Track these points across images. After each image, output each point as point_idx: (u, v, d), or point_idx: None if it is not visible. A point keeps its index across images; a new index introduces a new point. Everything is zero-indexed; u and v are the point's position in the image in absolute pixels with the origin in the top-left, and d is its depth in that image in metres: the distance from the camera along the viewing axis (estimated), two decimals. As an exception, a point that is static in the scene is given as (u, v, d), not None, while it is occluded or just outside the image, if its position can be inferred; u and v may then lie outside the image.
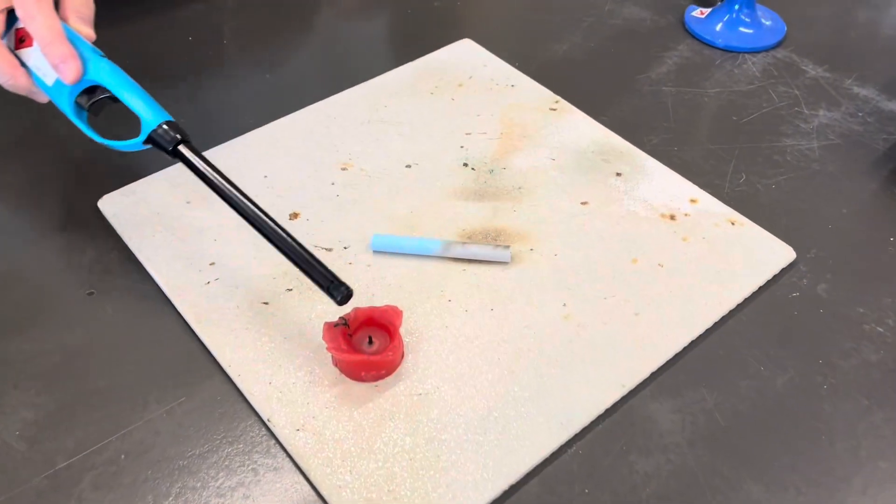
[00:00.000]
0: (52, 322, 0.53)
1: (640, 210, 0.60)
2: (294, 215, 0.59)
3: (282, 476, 0.45)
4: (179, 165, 0.62)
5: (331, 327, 0.49)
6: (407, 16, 0.82)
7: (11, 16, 0.53)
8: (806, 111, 0.71)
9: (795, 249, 0.58)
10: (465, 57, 0.75)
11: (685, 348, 0.52)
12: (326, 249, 0.57)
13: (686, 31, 0.80)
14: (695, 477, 0.45)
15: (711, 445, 0.47)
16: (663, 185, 0.62)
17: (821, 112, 0.70)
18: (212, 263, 0.56)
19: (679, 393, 0.50)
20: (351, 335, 0.50)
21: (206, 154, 0.62)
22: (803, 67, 0.76)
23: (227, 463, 0.46)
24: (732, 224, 0.59)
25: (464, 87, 0.71)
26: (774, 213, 0.61)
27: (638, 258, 0.57)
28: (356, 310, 0.50)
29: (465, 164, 0.64)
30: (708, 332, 0.53)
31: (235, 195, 0.49)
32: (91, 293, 0.54)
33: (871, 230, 0.60)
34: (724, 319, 0.54)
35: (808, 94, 0.72)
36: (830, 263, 0.57)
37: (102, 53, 0.53)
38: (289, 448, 0.46)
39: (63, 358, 0.51)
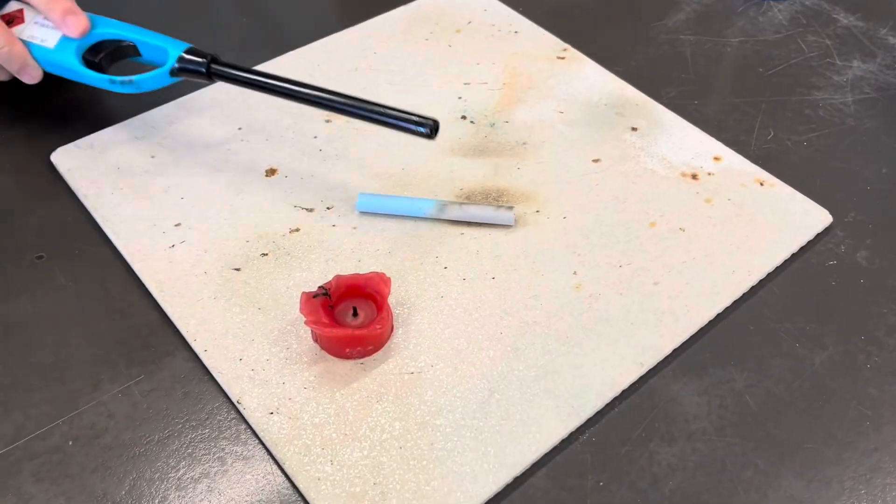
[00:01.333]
0: (-6, 290, 0.46)
1: (659, 168, 0.54)
2: (271, 171, 0.53)
3: (252, 465, 0.40)
4: (141, 116, 0.56)
5: (310, 297, 0.43)
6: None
7: None
8: (838, 62, 0.64)
9: (831, 212, 0.52)
10: (463, 0, 0.68)
11: (710, 322, 0.46)
12: (307, 210, 0.50)
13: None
14: (725, 469, 0.40)
15: (743, 433, 0.41)
16: (684, 142, 0.56)
17: (854, 63, 0.64)
18: (177, 225, 0.49)
19: (705, 372, 0.44)
20: (333, 306, 0.44)
21: (170, 105, 0.57)
22: (834, 16, 0.69)
23: (189, 450, 0.40)
24: (761, 184, 0.53)
25: (462, 33, 0.64)
26: (807, 173, 0.54)
27: (657, 221, 0.51)
28: (338, 277, 0.44)
29: (464, 117, 0.57)
30: (736, 304, 0.47)
31: (295, 89, 0.49)
32: (39, 257, 0.48)
33: (914, 192, 0.54)
34: (753, 290, 0.48)
35: (840, 43, 0.66)
36: (870, 228, 0.51)
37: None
38: (261, 434, 0.40)
39: (3, 330, 0.44)
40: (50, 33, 0.52)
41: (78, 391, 0.42)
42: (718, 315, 0.46)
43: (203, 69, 0.50)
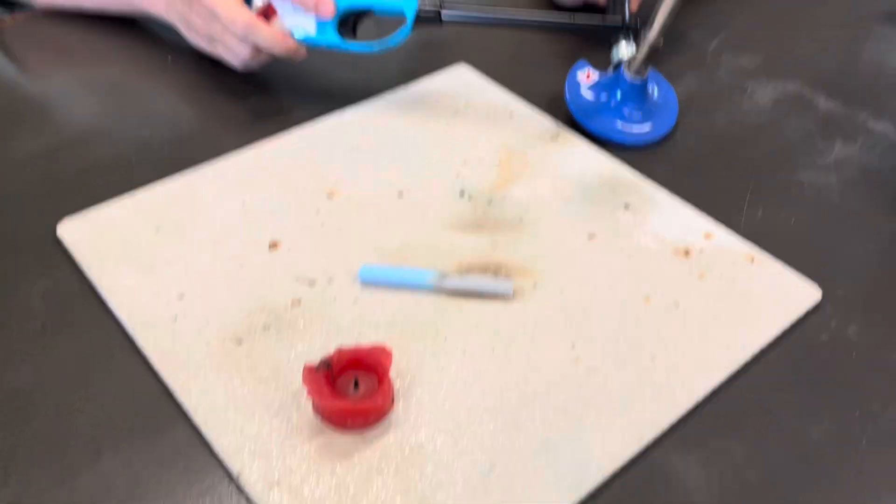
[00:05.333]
0: (-4, 360, 0.47)
1: (652, 244, 0.56)
2: (274, 245, 0.54)
3: (252, 540, 0.39)
4: (147, 188, 0.57)
5: (312, 370, 0.43)
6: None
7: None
8: (821, 145, 0.67)
9: (821, 288, 0.53)
10: (460, 83, 0.70)
11: (708, 396, 0.46)
12: (309, 282, 0.51)
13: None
14: (727, 544, 0.40)
15: (743, 507, 0.41)
16: (675, 219, 0.58)
17: (837, 146, 0.67)
18: (181, 296, 0.50)
19: (704, 445, 0.44)
20: (334, 378, 0.44)
21: (178, 179, 0.58)
22: (815, 101, 0.72)
23: (188, 524, 0.40)
24: (752, 260, 0.55)
25: (460, 114, 0.67)
26: (796, 250, 0.56)
27: (651, 296, 0.52)
28: (340, 350, 0.45)
29: (462, 194, 0.59)
30: (732, 378, 0.48)
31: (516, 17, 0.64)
32: (44, 326, 0.48)
33: (900, 269, 0.56)
34: (748, 364, 0.48)
35: (822, 127, 0.69)
36: (860, 304, 0.53)
37: None
38: (261, 507, 0.40)
39: (6, 399, 0.44)
40: (307, 20, 0.62)
41: (79, 461, 0.42)
42: (715, 389, 0.47)
43: (437, 17, 0.62)
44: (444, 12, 0.61)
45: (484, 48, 0.77)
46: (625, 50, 0.66)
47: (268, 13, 0.63)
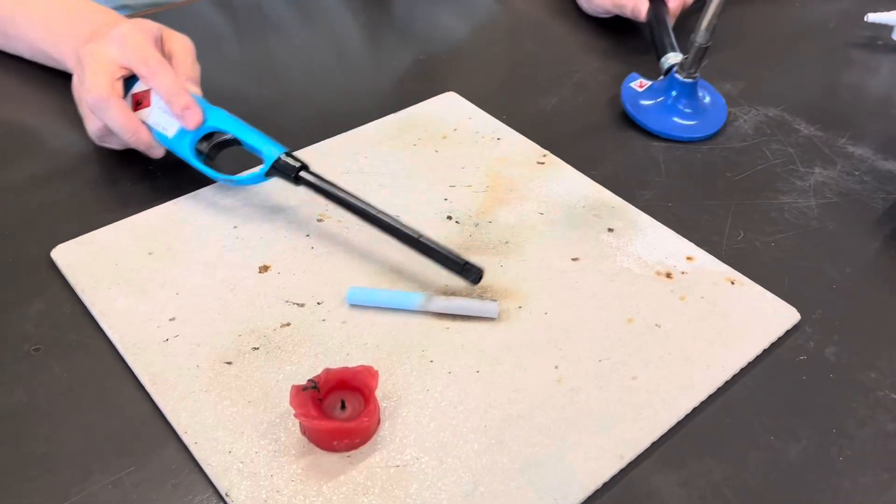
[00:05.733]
0: (-11, 381, 0.47)
1: (635, 267, 0.57)
2: (264, 268, 0.55)
3: (239, 559, 0.40)
4: (141, 214, 0.58)
5: (299, 391, 0.44)
6: (390, 68, 0.80)
7: (127, 83, 0.59)
8: (801, 169, 0.68)
9: (799, 310, 0.54)
10: (449, 109, 0.72)
11: (688, 415, 0.47)
12: (298, 305, 0.52)
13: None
14: (705, 561, 0.41)
15: (722, 525, 0.42)
16: (658, 242, 0.59)
17: (816, 170, 0.68)
18: (172, 319, 0.51)
19: (684, 464, 0.45)
20: (321, 399, 0.45)
21: (170, 204, 0.59)
22: (795, 126, 0.74)
23: (177, 543, 0.40)
24: (732, 283, 0.56)
25: (448, 140, 0.68)
26: (775, 273, 0.57)
27: (633, 318, 0.53)
28: (327, 371, 0.46)
29: (450, 217, 0.60)
30: (712, 397, 0.49)
31: (366, 209, 0.54)
32: (36, 349, 0.49)
33: (877, 291, 0.57)
34: (728, 384, 0.50)
35: (802, 152, 0.70)
36: (837, 325, 0.54)
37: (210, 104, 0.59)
38: (248, 526, 0.41)
39: (-1, 421, 0.45)
40: (170, 122, 0.58)
41: (69, 481, 0.42)
42: (695, 409, 0.48)
43: (292, 175, 0.56)
44: (302, 174, 0.56)
45: (471, 77, 0.79)
46: (673, 58, 0.73)
47: (142, 100, 0.59)
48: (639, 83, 0.75)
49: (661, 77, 0.74)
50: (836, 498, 0.44)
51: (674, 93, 0.72)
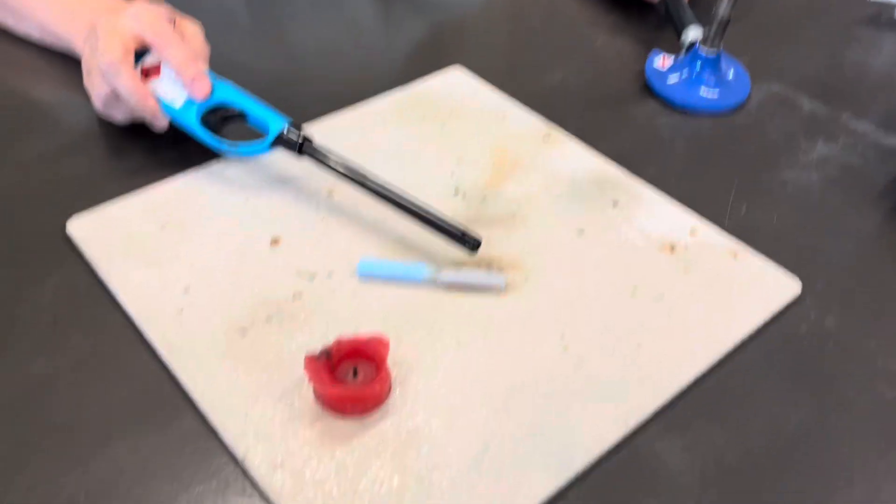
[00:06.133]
0: (9, 351, 0.48)
1: (639, 240, 0.58)
2: (275, 240, 0.56)
3: (256, 520, 0.41)
4: (154, 186, 0.59)
5: (313, 360, 0.45)
6: (397, 42, 0.80)
7: (137, 60, 0.60)
8: (804, 144, 0.69)
9: (801, 282, 0.55)
10: (455, 84, 0.73)
11: (691, 384, 0.49)
12: (309, 276, 0.53)
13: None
14: (707, 522, 0.42)
15: (724, 488, 0.44)
16: (662, 215, 0.60)
17: (819, 145, 0.69)
18: (186, 290, 0.52)
19: (687, 430, 0.46)
20: (334, 367, 0.47)
21: (181, 178, 0.60)
22: (799, 102, 0.74)
23: (196, 504, 0.42)
24: (735, 256, 0.57)
25: (454, 115, 0.69)
26: (778, 246, 0.58)
27: (637, 289, 0.54)
28: (339, 340, 0.47)
29: (456, 191, 0.61)
30: (715, 366, 0.50)
31: (367, 181, 0.55)
32: (54, 321, 0.50)
33: (878, 263, 0.58)
34: (730, 354, 0.51)
35: (805, 127, 0.71)
36: (838, 297, 0.55)
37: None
38: (265, 489, 0.42)
39: (20, 390, 0.46)
40: (179, 92, 0.59)
41: (90, 447, 0.44)
42: (699, 377, 0.49)
43: (296, 147, 0.57)
44: (306, 146, 0.57)
45: (478, 51, 0.79)
46: (694, 32, 0.74)
47: (150, 73, 0.60)
48: (662, 60, 0.76)
49: (683, 52, 0.75)
50: (835, 464, 0.45)
51: (698, 66, 0.73)
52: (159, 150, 0.63)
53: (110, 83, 0.59)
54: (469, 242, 0.53)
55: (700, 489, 0.43)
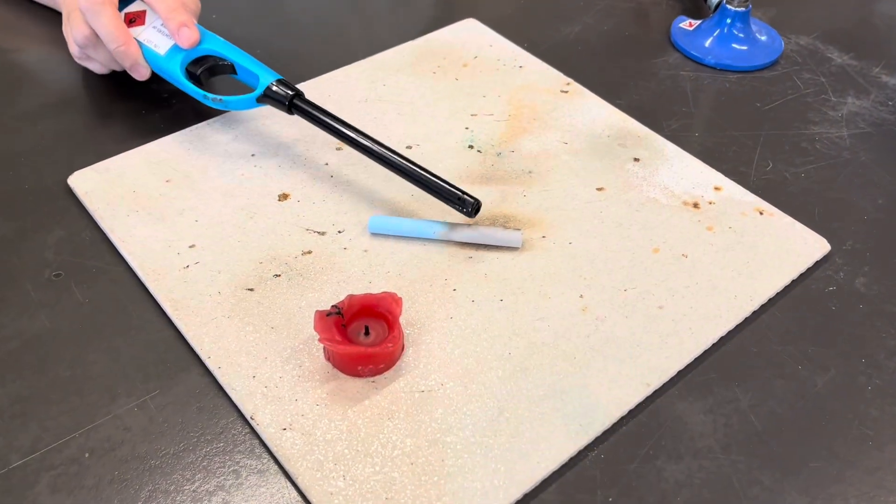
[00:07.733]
0: (12, 305, 0.47)
1: (661, 197, 0.56)
2: (283, 196, 0.54)
3: (266, 479, 0.40)
4: (157, 141, 0.58)
5: (323, 316, 0.44)
6: (408, -4, 0.78)
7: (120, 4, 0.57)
8: (833, 98, 0.66)
9: (829, 241, 0.53)
10: (469, 36, 0.70)
11: (714, 345, 0.47)
12: (319, 233, 0.52)
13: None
14: (731, 486, 0.40)
15: (748, 451, 0.42)
16: (685, 172, 0.58)
17: (849, 100, 0.66)
18: (192, 246, 0.50)
19: (710, 392, 0.45)
20: (345, 325, 0.45)
21: (185, 132, 0.58)
22: (828, 55, 0.71)
23: (205, 463, 0.40)
24: (761, 213, 0.55)
25: (469, 68, 0.66)
26: (805, 203, 0.56)
27: (659, 248, 0.52)
28: (350, 297, 0.45)
29: (471, 146, 0.59)
30: (739, 327, 0.48)
31: (358, 138, 0.52)
32: (57, 275, 0.49)
33: (909, 222, 0.56)
34: (755, 314, 0.49)
35: (834, 81, 0.68)
36: (868, 256, 0.53)
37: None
38: (274, 449, 0.41)
39: (22, 345, 0.45)
40: (163, 40, 0.56)
41: (95, 404, 0.43)
42: (722, 338, 0.47)
43: (285, 102, 0.54)
44: (296, 101, 0.54)
45: (492, 3, 0.76)
46: None
47: (135, 19, 0.57)
48: (688, 23, 0.73)
49: (712, 12, 0.73)
50: (862, 425, 0.44)
51: (727, 23, 0.70)
52: (162, 106, 0.62)
53: (90, 23, 0.55)
54: (467, 206, 0.50)
55: (723, 452, 0.42)
